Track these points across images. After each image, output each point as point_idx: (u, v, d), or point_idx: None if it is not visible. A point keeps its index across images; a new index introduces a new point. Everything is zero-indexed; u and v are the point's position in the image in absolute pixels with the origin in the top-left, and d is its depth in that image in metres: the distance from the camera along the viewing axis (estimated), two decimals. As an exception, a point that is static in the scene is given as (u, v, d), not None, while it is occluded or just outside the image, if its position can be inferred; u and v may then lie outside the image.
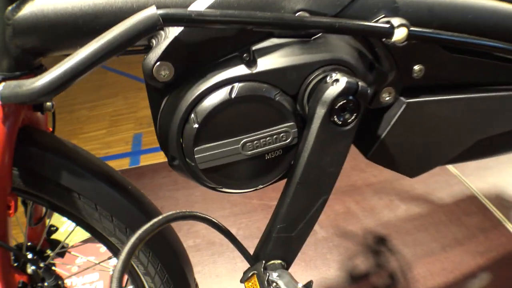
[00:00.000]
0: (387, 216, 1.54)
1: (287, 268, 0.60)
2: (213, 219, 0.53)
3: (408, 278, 1.31)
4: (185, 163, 0.54)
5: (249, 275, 0.55)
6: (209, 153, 0.52)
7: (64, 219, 1.02)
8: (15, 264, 0.74)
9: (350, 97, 0.51)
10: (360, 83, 0.51)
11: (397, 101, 0.63)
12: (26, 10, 0.51)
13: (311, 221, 0.58)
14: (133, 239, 0.41)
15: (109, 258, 0.76)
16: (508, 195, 1.63)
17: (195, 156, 0.52)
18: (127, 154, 2.16)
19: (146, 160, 2.11)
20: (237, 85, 0.51)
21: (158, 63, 0.49)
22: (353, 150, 0.63)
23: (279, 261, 0.59)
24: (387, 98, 0.62)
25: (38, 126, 0.67)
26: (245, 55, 0.52)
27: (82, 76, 0.43)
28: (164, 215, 0.46)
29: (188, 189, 1.89)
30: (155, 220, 0.44)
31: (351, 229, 1.50)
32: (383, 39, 0.55)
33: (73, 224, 0.71)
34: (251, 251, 0.60)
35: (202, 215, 0.51)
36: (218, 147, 0.52)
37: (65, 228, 1.57)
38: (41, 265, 0.76)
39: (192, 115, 0.51)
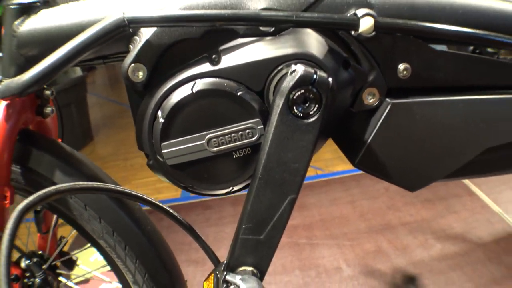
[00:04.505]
0: (420, 255, 1.43)
1: (260, 278, 0.57)
2: (171, 211, 0.53)
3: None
4: (156, 160, 0.55)
5: (209, 274, 0.53)
6: (176, 148, 0.53)
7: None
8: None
9: (310, 87, 0.50)
10: (319, 72, 0.50)
11: (383, 103, 0.60)
12: (29, 24, 0.59)
13: (279, 224, 0.55)
14: (27, 201, 0.42)
15: (103, 266, 0.78)
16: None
17: (163, 151, 0.53)
18: (176, 200, 2.20)
19: (193, 207, 2.12)
20: (198, 81, 0.53)
21: (132, 65, 0.53)
22: (390, 189, 0.60)
23: (251, 268, 0.57)
24: (371, 100, 0.60)
25: (44, 133, 0.75)
26: (213, 56, 0.54)
27: (60, 71, 0.52)
28: (70, 184, 0.46)
29: (219, 226, 1.88)
30: (58, 187, 0.45)
31: (379, 268, 1.40)
32: (352, 33, 0.55)
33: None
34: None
35: (143, 196, 0.51)
36: (184, 142, 0.53)
37: (95, 258, 1.61)
38: (44, 267, 0.79)
39: (159, 111, 0.53)
